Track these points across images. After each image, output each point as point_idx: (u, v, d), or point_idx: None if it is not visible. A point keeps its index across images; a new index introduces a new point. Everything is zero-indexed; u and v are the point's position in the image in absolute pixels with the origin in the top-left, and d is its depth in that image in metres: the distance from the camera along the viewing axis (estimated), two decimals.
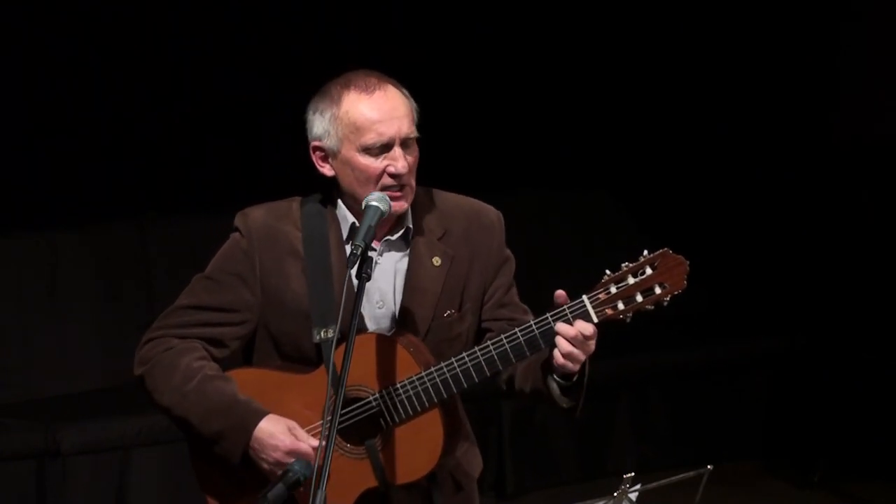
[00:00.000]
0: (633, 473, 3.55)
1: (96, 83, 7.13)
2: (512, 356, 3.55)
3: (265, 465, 3.60)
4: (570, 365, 3.51)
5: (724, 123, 8.01)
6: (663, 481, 3.60)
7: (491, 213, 3.79)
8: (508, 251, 3.79)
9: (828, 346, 7.50)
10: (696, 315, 7.41)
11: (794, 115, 7.86)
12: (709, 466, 3.61)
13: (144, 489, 6.36)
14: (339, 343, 3.60)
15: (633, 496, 3.57)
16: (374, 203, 3.55)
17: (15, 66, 6.97)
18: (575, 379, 3.58)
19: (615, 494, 3.55)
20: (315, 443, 3.57)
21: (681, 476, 3.62)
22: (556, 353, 3.49)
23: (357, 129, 3.58)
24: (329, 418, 3.33)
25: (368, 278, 3.48)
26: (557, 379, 3.58)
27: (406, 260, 3.69)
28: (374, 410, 3.59)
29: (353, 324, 3.44)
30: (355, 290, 3.51)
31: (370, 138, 3.58)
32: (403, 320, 3.66)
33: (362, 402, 3.59)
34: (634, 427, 7.30)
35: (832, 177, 7.70)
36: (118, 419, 6.34)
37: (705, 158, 8.03)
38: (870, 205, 7.53)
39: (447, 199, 3.77)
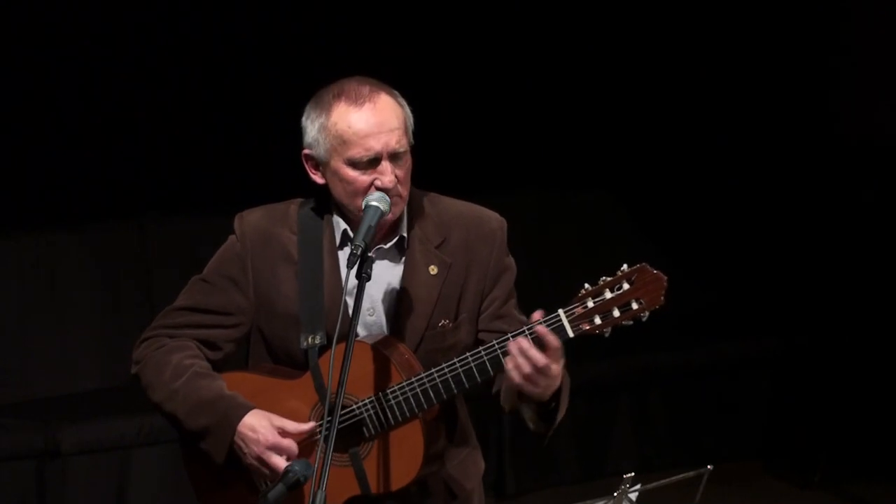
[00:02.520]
0: (633, 473, 3.55)
1: (96, 83, 7.13)
2: (489, 368, 3.51)
3: (247, 460, 3.59)
4: (527, 387, 3.46)
5: (724, 123, 8.00)
6: (663, 481, 3.60)
7: (493, 220, 3.74)
8: (510, 260, 3.74)
9: (828, 346, 7.50)
10: (696, 315, 7.41)
11: (794, 114, 7.86)
12: (709, 466, 3.61)
13: (144, 489, 6.36)
14: (323, 349, 3.60)
15: (633, 496, 3.57)
16: (374, 203, 3.53)
17: (15, 66, 6.97)
18: (552, 406, 3.55)
19: (615, 494, 3.55)
20: (304, 427, 3.56)
21: (681, 476, 3.62)
22: (512, 371, 3.45)
23: (344, 142, 3.55)
24: (328, 419, 3.32)
25: (368, 278, 3.46)
26: (531, 403, 3.55)
27: (399, 269, 3.66)
28: (358, 418, 3.58)
29: (353, 324, 3.43)
30: (353, 290, 3.50)
31: (357, 153, 3.54)
32: (396, 329, 3.64)
33: (347, 410, 3.57)
34: (634, 427, 7.30)
35: (833, 177, 7.70)
36: (118, 419, 6.34)
37: (706, 158, 8.03)
38: (871, 205, 7.53)
39: (448, 207, 3.73)
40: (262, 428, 3.56)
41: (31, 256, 6.89)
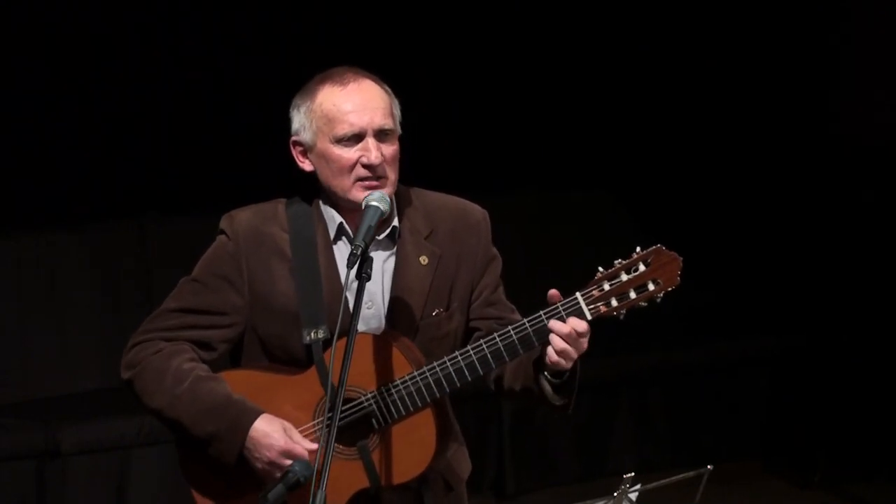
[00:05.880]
0: (633, 473, 3.55)
1: (96, 83, 7.13)
2: (505, 355, 3.54)
3: (258, 465, 3.58)
4: (563, 362, 3.50)
5: (724, 123, 8.01)
6: (663, 481, 3.61)
7: (476, 211, 3.79)
8: (495, 249, 3.79)
9: (827, 345, 7.50)
10: (696, 314, 7.42)
11: (794, 114, 7.86)
12: (709, 466, 3.62)
13: (144, 489, 6.36)
14: (327, 344, 3.60)
15: (633, 496, 3.57)
16: (374, 203, 3.55)
17: (15, 66, 6.97)
18: (566, 377, 3.57)
19: (615, 494, 3.55)
20: (310, 446, 3.56)
21: (681, 476, 3.62)
22: (550, 350, 3.49)
23: (329, 120, 3.60)
24: (329, 415, 3.32)
25: (368, 278, 3.47)
26: (549, 377, 3.57)
27: (393, 260, 3.68)
28: (367, 411, 3.58)
29: (353, 323, 3.43)
30: (353, 289, 3.50)
31: (341, 129, 3.59)
32: (392, 320, 3.66)
33: (354, 403, 3.58)
34: (634, 426, 7.30)
35: (832, 176, 7.70)
36: (118, 419, 6.34)
37: (705, 158, 8.03)
38: (870, 205, 7.53)
39: (432, 199, 3.77)
40: (274, 433, 3.56)
41: (31, 256, 6.90)
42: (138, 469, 6.36)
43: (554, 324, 3.48)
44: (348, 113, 3.59)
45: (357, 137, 3.59)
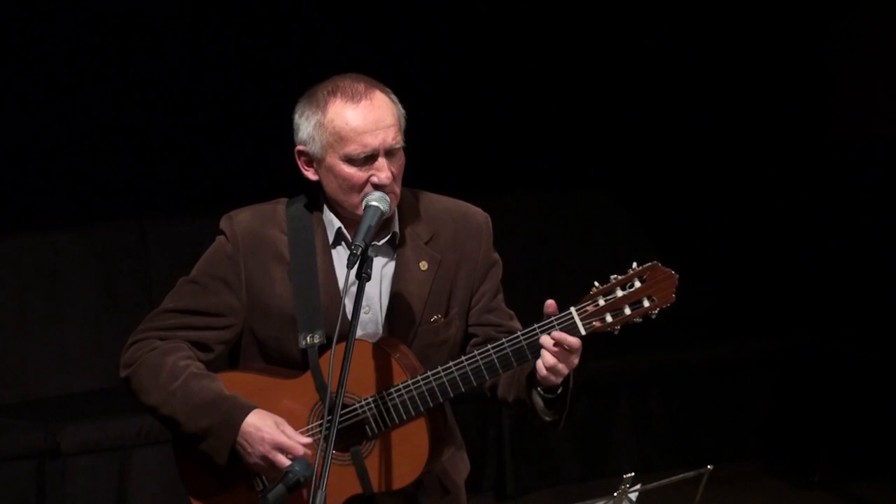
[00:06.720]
0: (633, 473, 3.55)
1: (96, 83, 7.13)
2: (499, 366, 3.53)
3: (252, 460, 3.58)
4: (552, 378, 3.49)
5: (724, 123, 8.01)
6: (663, 481, 3.60)
7: (479, 215, 3.77)
8: (496, 255, 3.77)
9: (828, 346, 7.50)
10: (697, 315, 7.42)
11: (793, 114, 7.86)
12: (709, 466, 3.61)
13: (144, 489, 6.36)
14: (323, 348, 3.60)
15: (633, 496, 3.57)
16: (374, 203, 3.54)
17: (15, 66, 6.97)
18: (559, 392, 3.57)
19: (615, 494, 3.55)
20: (302, 440, 3.56)
21: (681, 476, 3.62)
22: (540, 364, 3.48)
23: (341, 138, 3.57)
24: (327, 418, 3.32)
25: (368, 278, 3.46)
26: (541, 392, 3.57)
27: (392, 265, 3.67)
28: (361, 417, 3.58)
29: (353, 325, 3.43)
30: (351, 290, 3.50)
31: (354, 149, 3.56)
32: (390, 326, 3.65)
33: (349, 409, 3.58)
34: (634, 427, 7.30)
35: (834, 176, 7.70)
36: (118, 419, 6.34)
37: (705, 159, 8.03)
38: (871, 204, 7.53)
39: (435, 202, 3.75)
40: (266, 427, 3.56)
41: (31, 256, 6.89)
42: (138, 469, 6.36)
43: (545, 339, 3.48)
44: (362, 134, 3.55)
45: (368, 157, 3.57)
